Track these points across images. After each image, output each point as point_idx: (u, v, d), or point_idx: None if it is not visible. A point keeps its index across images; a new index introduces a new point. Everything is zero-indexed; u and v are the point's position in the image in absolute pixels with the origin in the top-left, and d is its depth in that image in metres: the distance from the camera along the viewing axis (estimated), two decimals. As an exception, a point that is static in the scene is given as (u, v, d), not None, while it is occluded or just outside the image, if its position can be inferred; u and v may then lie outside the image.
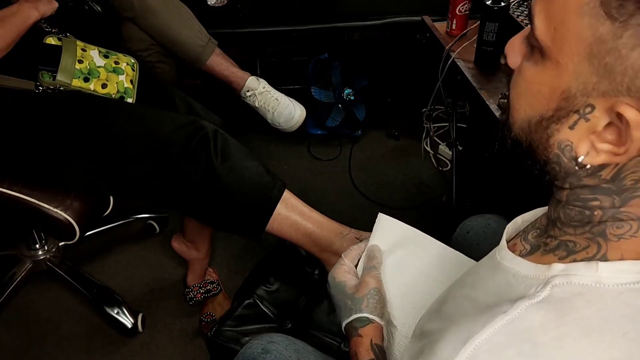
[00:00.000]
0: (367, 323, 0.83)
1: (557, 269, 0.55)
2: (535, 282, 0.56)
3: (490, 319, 0.54)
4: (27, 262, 1.72)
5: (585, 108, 0.52)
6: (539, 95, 0.55)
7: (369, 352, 0.81)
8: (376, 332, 0.83)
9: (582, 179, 0.56)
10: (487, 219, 1.14)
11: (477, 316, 0.56)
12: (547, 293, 0.53)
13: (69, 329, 1.66)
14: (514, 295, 0.56)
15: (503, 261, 0.63)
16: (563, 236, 0.59)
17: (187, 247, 1.68)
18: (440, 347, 0.56)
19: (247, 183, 1.27)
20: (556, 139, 0.55)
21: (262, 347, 0.91)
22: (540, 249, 0.62)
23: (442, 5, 1.71)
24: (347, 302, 0.85)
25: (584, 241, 0.57)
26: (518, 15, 1.55)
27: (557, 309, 0.52)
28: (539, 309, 0.53)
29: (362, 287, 0.86)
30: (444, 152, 2.26)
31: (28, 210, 1.31)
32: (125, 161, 1.28)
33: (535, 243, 0.63)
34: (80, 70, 1.36)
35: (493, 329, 0.53)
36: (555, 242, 0.60)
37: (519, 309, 0.53)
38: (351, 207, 2.05)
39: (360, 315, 0.83)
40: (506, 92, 1.40)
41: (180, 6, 1.79)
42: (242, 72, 1.88)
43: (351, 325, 0.84)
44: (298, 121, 1.90)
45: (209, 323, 1.63)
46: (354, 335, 0.83)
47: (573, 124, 0.53)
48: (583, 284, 0.53)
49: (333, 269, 0.91)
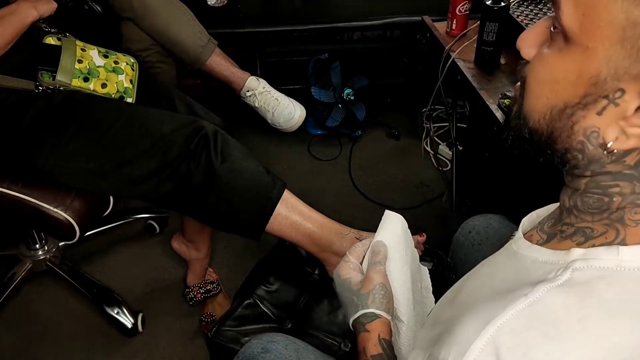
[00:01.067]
0: (374, 318, 0.83)
1: (577, 253, 0.56)
2: (555, 267, 0.57)
3: (511, 302, 0.54)
4: (27, 262, 1.72)
5: (615, 93, 0.51)
6: (565, 82, 0.54)
7: (377, 347, 0.80)
8: (383, 327, 0.82)
9: (605, 165, 0.56)
10: (489, 218, 1.14)
11: (497, 300, 0.56)
12: (568, 276, 0.54)
13: (69, 329, 1.66)
14: (533, 279, 0.57)
15: (520, 250, 0.63)
16: (580, 223, 0.60)
17: (187, 247, 1.68)
18: (460, 330, 0.56)
19: (247, 183, 1.27)
20: (581, 125, 0.55)
21: (262, 347, 0.91)
22: (556, 236, 0.62)
23: (442, 5, 1.71)
24: (353, 299, 0.85)
25: (601, 227, 0.57)
26: (518, 15, 1.55)
27: (579, 291, 0.53)
28: (561, 291, 0.53)
29: (367, 283, 0.86)
30: (444, 152, 2.26)
31: (28, 210, 1.31)
32: (125, 161, 1.28)
33: (551, 232, 0.64)
34: (79, 70, 1.36)
35: (514, 311, 0.53)
36: (571, 229, 0.60)
37: (539, 291, 0.54)
38: (351, 207, 2.05)
39: (367, 310, 0.83)
40: (506, 92, 1.41)
41: (180, 6, 1.79)
42: (242, 72, 1.88)
43: (358, 321, 0.83)
44: (298, 121, 1.90)
45: (209, 323, 1.63)
46: (361, 331, 0.82)
47: (602, 109, 0.53)
48: (604, 268, 0.54)
49: (338, 267, 0.91)
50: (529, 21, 1.52)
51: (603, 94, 0.52)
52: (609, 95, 0.52)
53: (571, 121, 0.55)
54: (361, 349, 0.81)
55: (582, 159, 0.57)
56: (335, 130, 2.31)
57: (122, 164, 1.28)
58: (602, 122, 0.53)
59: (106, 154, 1.28)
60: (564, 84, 0.54)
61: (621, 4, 0.48)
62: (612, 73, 0.51)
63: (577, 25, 0.52)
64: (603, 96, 0.52)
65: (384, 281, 0.87)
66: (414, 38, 2.42)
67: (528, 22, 1.52)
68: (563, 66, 0.54)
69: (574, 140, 0.56)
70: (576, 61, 0.53)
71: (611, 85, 0.51)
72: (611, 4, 0.49)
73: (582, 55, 0.52)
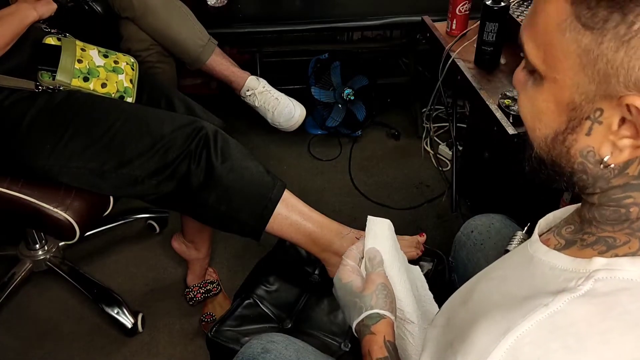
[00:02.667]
0: (378, 319, 0.82)
1: (599, 262, 0.55)
2: (575, 276, 0.56)
3: (531, 312, 0.54)
4: (27, 262, 1.72)
5: (594, 113, 0.53)
6: (548, 112, 0.57)
7: (383, 350, 0.80)
8: (388, 329, 0.82)
9: (610, 180, 0.57)
10: (491, 218, 1.14)
11: (515, 308, 0.56)
12: (590, 287, 0.54)
13: (69, 329, 1.66)
14: (552, 287, 0.56)
15: (537, 254, 0.63)
16: (601, 233, 0.59)
17: (187, 247, 1.68)
18: (476, 338, 0.56)
19: (247, 183, 1.27)
20: (576, 148, 0.57)
21: (262, 347, 0.91)
22: (576, 244, 0.61)
23: (442, 5, 1.71)
24: (356, 301, 0.85)
25: (624, 237, 0.57)
26: (518, 16, 1.55)
27: (601, 303, 0.53)
28: (583, 302, 0.53)
29: (369, 285, 0.86)
30: (444, 152, 2.26)
31: (28, 210, 1.31)
32: (125, 161, 1.28)
33: (571, 238, 0.63)
34: (79, 70, 1.36)
35: (535, 321, 0.53)
36: (593, 237, 0.60)
37: (561, 302, 0.53)
38: (351, 207, 2.05)
39: (371, 312, 0.83)
40: (506, 92, 1.41)
41: (180, 6, 1.79)
42: (242, 71, 1.88)
43: (363, 324, 0.83)
44: (298, 120, 1.90)
45: (209, 323, 1.63)
46: (366, 334, 0.82)
47: (588, 130, 0.55)
48: (628, 279, 0.53)
49: (338, 272, 0.90)
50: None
51: (584, 116, 0.54)
52: (590, 116, 0.54)
53: (565, 146, 0.57)
54: (366, 351, 0.81)
55: (587, 179, 0.58)
56: (335, 130, 2.31)
57: (122, 163, 1.28)
58: (594, 141, 0.55)
59: (106, 153, 1.28)
60: (548, 114, 0.57)
61: (569, 35, 0.52)
62: (584, 97, 0.53)
63: (541, 62, 0.55)
64: (585, 118, 0.54)
65: (385, 282, 0.87)
66: (414, 38, 2.42)
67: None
68: (542, 98, 0.57)
69: (574, 163, 0.58)
70: (551, 92, 0.56)
71: (588, 108, 0.54)
72: (562, 37, 0.52)
73: (554, 86, 0.55)
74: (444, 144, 2.28)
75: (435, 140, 2.32)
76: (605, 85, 0.51)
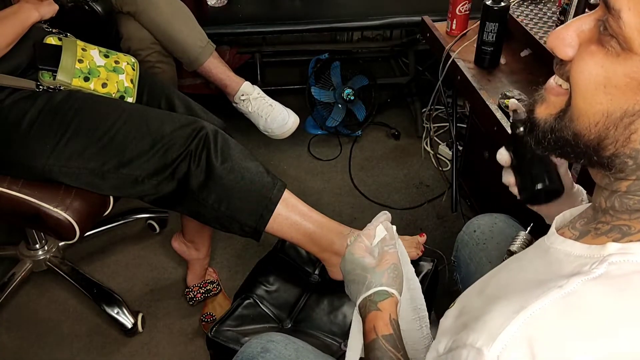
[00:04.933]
0: (386, 297, 0.83)
1: (613, 247, 0.55)
2: (590, 260, 0.56)
3: (545, 292, 0.54)
4: (27, 262, 1.72)
5: None
6: (625, 88, 0.52)
7: (388, 327, 0.80)
8: (393, 307, 0.82)
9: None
10: (494, 218, 1.14)
11: (529, 290, 0.56)
12: (604, 270, 0.54)
13: (69, 329, 1.66)
14: (567, 271, 0.56)
15: (553, 245, 0.63)
16: (616, 221, 0.59)
17: (187, 247, 1.68)
18: (490, 317, 0.56)
19: (247, 183, 1.27)
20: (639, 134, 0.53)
21: (261, 346, 0.91)
22: (590, 233, 0.61)
23: (442, 5, 1.71)
24: (367, 276, 0.85)
25: (639, 225, 0.57)
26: (518, 16, 1.55)
27: (615, 284, 0.53)
28: (597, 284, 0.53)
29: (382, 263, 0.86)
30: (444, 152, 2.26)
31: (28, 210, 1.31)
32: (126, 161, 1.28)
33: (584, 229, 0.63)
34: (80, 70, 1.36)
35: (548, 300, 0.53)
36: (607, 226, 0.60)
37: (575, 283, 0.53)
38: (351, 207, 2.05)
39: (381, 288, 0.83)
40: (506, 92, 1.41)
41: (182, 6, 1.79)
42: (237, 77, 1.89)
43: (370, 299, 0.83)
44: (291, 128, 1.89)
45: (209, 323, 1.63)
46: (372, 310, 0.82)
47: None
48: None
49: (352, 246, 0.91)
50: (529, 21, 1.52)
51: None
52: None
53: (629, 130, 0.53)
54: (371, 327, 0.81)
55: (631, 164, 0.56)
56: (335, 130, 2.31)
57: (122, 164, 1.28)
58: None
59: (106, 154, 1.28)
60: (625, 91, 0.52)
61: None
62: None
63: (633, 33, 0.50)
64: None
65: (397, 262, 0.87)
66: (414, 38, 2.42)
67: (528, 22, 1.52)
68: (622, 71, 0.52)
69: (627, 148, 0.55)
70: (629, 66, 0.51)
71: None
72: None
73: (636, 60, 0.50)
74: (444, 144, 2.28)
75: (435, 140, 2.32)
76: None
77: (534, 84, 1.46)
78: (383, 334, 0.79)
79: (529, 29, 1.48)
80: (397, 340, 0.79)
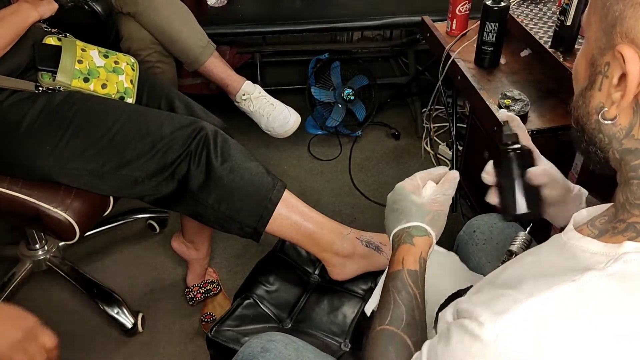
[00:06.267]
0: (423, 234, 0.83)
1: (630, 246, 0.56)
2: (605, 258, 0.57)
3: (558, 284, 0.55)
4: (27, 262, 1.72)
5: (604, 67, 0.59)
6: (580, 69, 0.63)
7: (416, 264, 0.81)
8: (426, 247, 0.83)
9: (621, 142, 0.61)
10: (494, 218, 1.14)
11: (542, 281, 0.57)
12: (619, 268, 0.55)
13: (69, 329, 1.66)
14: (581, 266, 0.57)
15: (570, 240, 0.64)
16: (630, 218, 0.60)
17: (187, 247, 1.68)
18: (497, 301, 0.57)
19: (247, 184, 1.27)
20: (592, 105, 0.62)
21: (261, 346, 0.91)
22: (608, 232, 0.62)
23: (442, 5, 1.71)
24: (412, 209, 0.85)
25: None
26: (518, 16, 1.55)
27: (628, 282, 0.54)
28: (610, 280, 0.54)
29: (431, 203, 0.86)
30: (444, 152, 2.26)
31: (28, 210, 1.31)
32: (125, 162, 1.28)
33: (604, 228, 0.64)
34: (80, 71, 1.36)
35: (560, 291, 0.54)
36: (623, 225, 0.61)
37: (588, 278, 0.54)
38: (351, 207, 2.05)
39: (421, 224, 0.83)
40: (506, 92, 1.41)
41: (182, 6, 1.79)
42: (238, 76, 1.89)
43: (406, 231, 0.83)
44: (293, 127, 1.89)
45: (209, 323, 1.63)
46: (406, 242, 0.83)
47: (600, 84, 0.60)
48: None
49: (405, 181, 0.90)
50: (529, 21, 1.52)
51: (598, 71, 0.60)
52: (601, 70, 0.59)
53: (585, 104, 0.63)
54: (399, 258, 0.81)
55: (604, 139, 0.62)
56: (335, 130, 2.31)
57: (122, 164, 1.28)
58: (603, 97, 0.60)
59: (106, 154, 1.28)
60: (581, 72, 0.63)
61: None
62: (598, 51, 0.59)
63: (585, 22, 0.62)
64: (598, 72, 0.60)
65: (445, 211, 0.87)
66: (414, 38, 2.42)
67: (528, 22, 1.52)
68: (579, 58, 0.64)
69: (592, 121, 0.62)
70: (584, 50, 0.63)
71: (600, 61, 0.59)
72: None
73: (586, 43, 0.62)
74: (444, 144, 2.28)
75: (435, 140, 2.32)
76: (610, 36, 0.57)
77: (534, 83, 1.47)
78: (409, 268, 0.80)
79: (529, 29, 1.48)
80: (419, 278, 0.80)
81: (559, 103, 1.39)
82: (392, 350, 0.74)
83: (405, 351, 0.74)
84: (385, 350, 0.74)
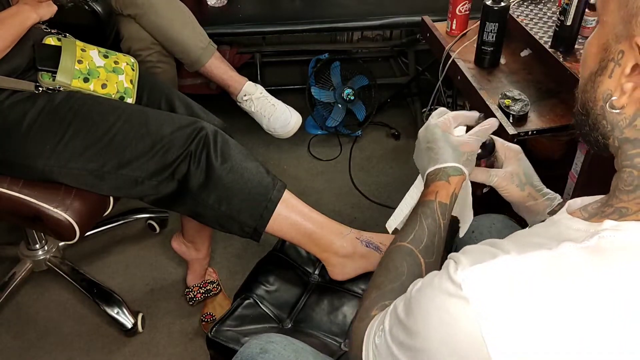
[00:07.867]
0: (458, 174, 0.87)
1: (609, 224, 0.59)
2: (585, 234, 0.60)
3: (536, 249, 0.58)
4: (27, 262, 1.72)
5: (618, 54, 0.59)
6: (591, 53, 0.63)
7: (448, 198, 0.85)
8: (459, 185, 0.87)
9: (623, 130, 0.62)
10: (493, 218, 1.14)
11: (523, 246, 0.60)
12: (595, 242, 0.57)
13: (69, 329, 1.66)
14: (561, 238, 0.60)
15: (561, 220, 0.67)
16: (618, 203, 0.63)
17: (187, 247, 1.68)
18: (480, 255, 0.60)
19: (247, 184, 1.27)
20: (600, 91, 0.62)
21: (260, 347, 0.91)
22: (597, 215, 0.65)
23: (442, 5, 1.71)
24: (449, 150, 0.88)
25: (635, 206, 0.61)
26: (518, 15, 1.55)
27: (599, 256, 0.56)
28: (582, 252, 0.57)
29: (465, 145, 0.89)
30: (444, 152, 2.25)
31: (28, 210, 1.31)
32: (125, 162, 1.28)
33: (594, 212, 0.67)
34: (79, 71, 1.36)
35: (535, 254, 0.57)
36: (611, 209, 0.63)
37: (564, 247, 0.57)
38: (351, 207, 2.05)
39: (458, 165, 0.87)
40: (506, 92, 1.41)
41: (183, 7, 1.79)
42: (240, 76, 1.89)
43: (443, 170, 0.87)
44: (294, 127, 1.89)
45: (209, 323, 1.63)
46: (442, 179, 0.86)
47: (611, 72, 0.61)
48: (629, 240, 0.57)
49: (438, 122, 0.91)
50: (529, 21, 1.52)
51: (610, 58, 0.60)
52: (614, 58, 0.60)
53: (593, 88, 0.63)
54: (433, 190, 0.86)
55: (606, 125, 0.63)
56: (335, 130, 2.31)
57: (122, 165, 1.28)
58: (612, 84, 0.61)
59: (106, 155, 1.28)
60: (591, 56, 0.63)
61: None
62: (614, 38, 0.59)
63: (600, 5, 0.62)
64: (610, 59, 0.60)
65: (475, 152, 0.90)
66: (414, 38, 2.42)
67: (528, 22, 1.52)
68: (592, 42, 0.64)
69: (597, 107, 0.63)
70: (598, 34, 0.62)
71: (614, 49, 0.60)
72: None
73: (601, 28, 0.62)
74: (444, 144, 2.27)
75: (435, 140, 2.31)
76: (629, 25, 0.57)
77: (534, 83, 1.46)
78: (440, 201, 0.85)
79: (529, 29, 1.48)
80: (448, 212, 0.85)
81: (559, 103, 1.39)
82: (406, 265, 0.81)
83: (416, 269, 0.81)
84: (400, 263, 0.81)
